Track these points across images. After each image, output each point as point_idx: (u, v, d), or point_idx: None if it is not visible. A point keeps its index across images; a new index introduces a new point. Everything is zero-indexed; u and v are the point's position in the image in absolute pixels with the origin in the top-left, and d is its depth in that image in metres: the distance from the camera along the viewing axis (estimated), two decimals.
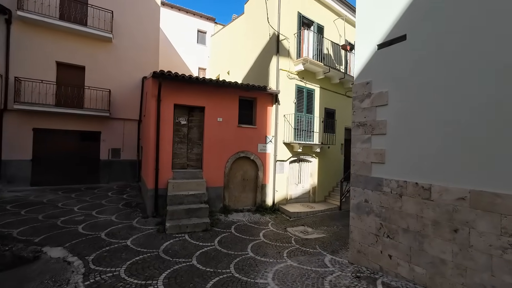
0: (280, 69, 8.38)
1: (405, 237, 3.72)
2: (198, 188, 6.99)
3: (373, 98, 4.29)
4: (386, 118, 4.09)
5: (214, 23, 20.26)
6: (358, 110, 4.56)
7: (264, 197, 8.31)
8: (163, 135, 6.86)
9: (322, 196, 9.93)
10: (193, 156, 7.54)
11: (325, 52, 9.64)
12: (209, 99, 7.46)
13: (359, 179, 4.51)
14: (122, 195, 9.06)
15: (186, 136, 7.47)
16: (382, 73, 4.18)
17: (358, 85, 4.58)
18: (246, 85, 7.60)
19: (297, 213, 7.97)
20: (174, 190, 6.69)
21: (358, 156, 4.54)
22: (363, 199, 4.41)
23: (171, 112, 7.03)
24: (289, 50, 8.69)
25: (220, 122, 7.60)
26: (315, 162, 9.67)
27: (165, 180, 6.86)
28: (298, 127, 8.79)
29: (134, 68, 11.49)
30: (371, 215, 4.25)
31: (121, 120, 11.21)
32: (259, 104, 8.23)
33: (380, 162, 4.14)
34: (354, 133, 4.62)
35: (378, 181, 4.17)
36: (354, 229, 4.57)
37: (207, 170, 7.42)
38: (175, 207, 6.27)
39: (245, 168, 8.20)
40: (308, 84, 9.27)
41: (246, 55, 10.50)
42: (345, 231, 6.72)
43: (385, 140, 4.10)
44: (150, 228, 5.91)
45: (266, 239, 5.81)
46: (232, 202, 7.97)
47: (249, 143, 8.07)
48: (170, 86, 6.95)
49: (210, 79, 7.10)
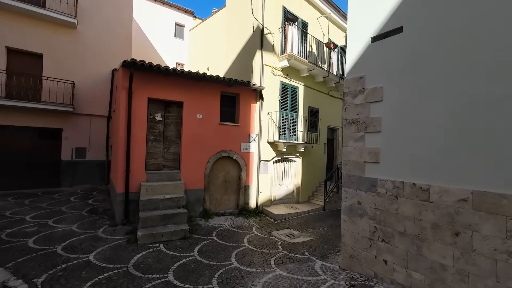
0: (265, 64, 7.99)
1: (402, 241, 3.50)
2: (176, 191, 6.34)
3: (367, 94, 4.05)
4: (380, 115, 3.86)
5: (193, 16, 19.35)
6: (351, 107, 4.30)
7: (247, 199, 7.86)
8: (135, 132, 6.11)
9: (306, 197, 9.73)
10: (170, 156, 6.86)
11: (309, 49, 9.44)
12: (188, 94, 6.84)
13: (351, 180, 4.25)
14: (87, 200, 8.06)
15: (162, 133, 6.77)
16: (376, 68, 3.95)
17: (351, 80, 4.32)
18: (228, 79, 7.09)
19: (282, 215, 7.64)
20: (147, 194, 5.98)
21: (350, 155, 4.28)
22: (356, 201, 4.15)
23: (145, 107, 6.30)
24: (273, 45, 8.33)
25: (200, 119, 7.01)
26: (299, 162, 9.43)
27: (137, 182, 6.12)
28: (282, 125, 8.47)
29: (103, 59, 10.39)
30: (365, 218, 4.00)
31: (87, 116, 10.07)
32: (242, 101, 7.77)
33: (375, 161, 3.90)
34: (346, 131, 4.36)
35: (372, 181, 3.93)
36: (346, 232, 4.31)
37: (185, 171, 6.79)
38: (149, 213, 5.58)
39: (227, 169, 7.69)
40: (292, 82, 8.99)
41: (228, 50, 9.96)
42: (331, 233, 6.52)
43: (379, 138, 3.87)
44: (118, 238, 5.17)
45: (251, 245, 5.37)
46: (213, 206, 7.41)
47: (232, 142, 7.58)
48: (144, 78, 6.22)
49: (189, 72, 6.48)
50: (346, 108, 4.38)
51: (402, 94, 3.61)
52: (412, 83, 3.50)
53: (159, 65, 6.02)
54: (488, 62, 2.84)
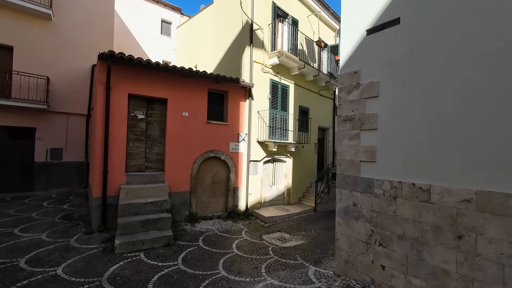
0: (254, 61, 7.70)
1: (401, 245, 3.29)
2: (159, 194, 5.90)
3: (362, 89, 3.83)
4: (377, 111, 3.65)
5: (180, 14, 18.81)
6: (345, 103, 4.07)
7: (236, 202, 7.51)
8: (113, 131, 5.63)
9: (296, 198, 9.50)
10: (153, 156, 6.41)
11: (299, 48, 9.25)
12: (173, 90, 6.42)
13: (346, 180, 4.02)
14: (62, 205, 7.43)
15: (145, 132, 6.31)
16: (372, 61, 3.74)
17: (345, 75, 4.10)
18: (216, 75, 6.74)
19: (272, 218, 7.35)
20: (127, 198, 5.51)
21: (345, 154, 4.05)
22: (351, 203, 3.92)
23: (125, 103, 5.84)
24: (263, 42, 8.06)
25: (185, 117, 6.60)
26: (289, 162, 9.19)
27: (117, 185, 5.64)
28: (272, 124, 8.20)
29: (81, 53, 9.74)
30: (361, 221, 3.77)
31: (63, 114, 9.38)
32: (231, 99, 7.43)
33: (371, 160, 3.68)
34: (341, 129, 4.13)
35: (368, 182, 3.71)
36: (341, 236, 4.06)
37: (170, 172, 6.36)
38: (129, 218, 5.12)
39: (215, 170, 7.31)
40: (282, 80, 8.75)
41: (216, 47, 9.59)
42: (324, 236, 6.29)
43: (376, 135, 3.65)
44: (93, 247, 4.69)
45: (240, 251, 5.03)
46: (200, 209, 7.01)
47: (220, 141, 7.21)
48: (124, 72, 5.76)
49: (174, 66, 6.07)
50: (340, 104, 4.15)
51: (400, 89, 3.41)
52: (410, 77, 3.31)
53: (141, 58, 5.58)
54: (495, 54, 2.67)
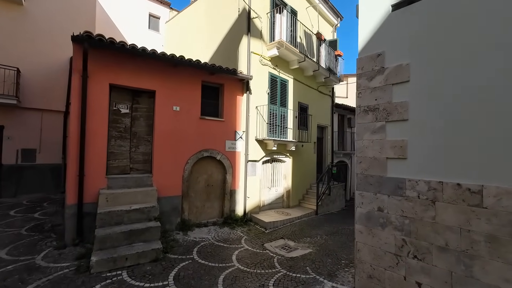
0: (252, 52, 7.06)
1: (443, 259, 2.73)
2: (146, 199, 5.13)
3: (388, 74, 3.27)
4: (407, 99, 3.09)
5: (170, 8, 17.91)
6: (366, 91, 3.50)
7: (233, 206, 6.81)
8: (91, 126, 4.83)
9: (296, 200, 8.91)
10: (139, 156, 5.62)
11: (298, 41, 8.70)
12: (162, 82, 5.68)
13: (368, 181, 3.43)
14: (32, 213, 6.48)
15: (129, 129, 5.53)
16: (399, 41, 3.19)
17: (365, 59, 3.53)
18: (211, 65, 6.04)
19: (273, 223, 6.70)
20: (108, 205, 4.71)
21: (366, 150, 3.47)
22: (376, 207, 3.34)
23: (106, 95, 5.04)
24: (261, 31, 7.44)
25: (176, 112, 5.86)
26: (289, 162, 8.59)
27: (95, 190, 4.83)
28: (271, 121, 7.58)
29: (58, 44, 8.78)
30: (389, 229, 3.19)
31: (37, 111, 8.39)
32: (227, 92, 6.75)
33: (400, 157, 3.11)
34: (361, 121, 3.55)
35: (397, 182, 3.13)
36: (363, 247, 3.47)
37: (158, 174, 5.59)
38: (109, 229, 4.32)
39: (210, 171, 6.59)
40: (281, 74, 8.17)
41: (209, 40, 8.89)
42: (332, 243, 5.70)
43: (406, 127, 3.09)
44: (64, 266, 3.87)
45: (241, 264, 4.35)
46: (193, 215, 6.27)
47: (215, 139, 6.51)
48: (104, 59, 4.98)
49: (163, 53, 5.34)
50: (360, 93, 3.57)
51: (436, 71, 2.86)
52: (450, 56, 2.76)
53: (124, 42, 4.82)
54: None
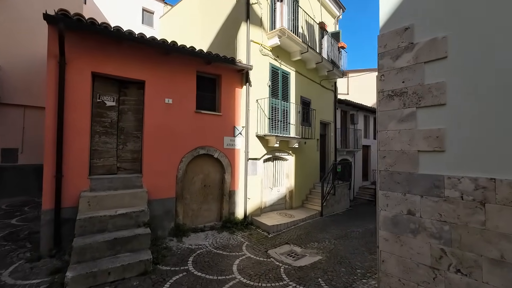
0: (251, 40, 6.50)
1: (497, 274, 2.20)
2: (134, 202, 4.54)
3: (419, 50, 2.73)
4: (444, 79, 2.55)
5: (164, 3, 17.30)
6: (390, 73, 2.96)
7: (233, 208, 6.24)
8: (71, 120, 4.24)
9: (299, 201, 8.37)
10: (127, 154, 5.03)
11: (300, 31, 8.16)
12: (153, 71, 5.09)
13: (395, 179, 2.89)
14: (10, 218, 5.85)
15: (116, 124, 4.94)
16: (433, 10, 2.65)
17: (389, 35, 2.99)
18: (207, 53, 5.48)
19: (276, 227, 6.15)
20: (90, 210, 4.12)
21: (392, 142, 2.93)
22: (405, 210, 2.80)
23: (88, 85, 4.45)
24: (261, 19, 6.88)
25: (169, 105, 5.28)
26: (291, 160, 8.05)
27: (76, 193, 4.23)
28: (273, 116, 7.03)
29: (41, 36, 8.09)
30: (422, 236, 2.65)
31: (19, 107, 7.74)
32: (225, 84, 6.17)
33: (436, 149, 2.58)
34: (384, 109, 3.01)
35: (433, 180, 2.60)
36: (389, 257, 2.93)
37: (149, 174, 5.01)
38: (90, 238, 3.73)
39: (207, 170, 6.02)
40: (283, 66, 7.62)
41: (205, 30, 8.31)
42: (342, 248, 5.17)
43: (444, 114, 2.56)
44: (34, 283, 3.28)
45: (244, 276, 3.79)
46: (188, 219, 5.69)
47: (212, 135, 5.93)
48: (86, 44, 4.38)
49: (153, 38, 4.76)
50: (383, 75, 3.03)
51: (485, 42, 2.33)
52: (504, 23, 2.23)
53: (106, 23, 4.22)
54: None
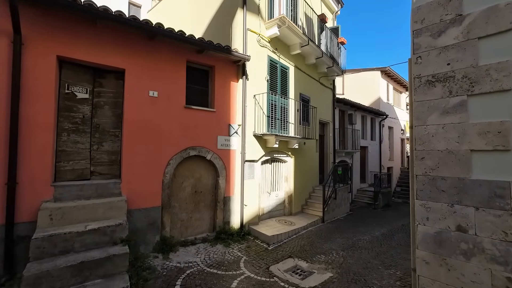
0: (248, 29, 5.85)
1: None
2: (110, 214, 3.77)
3: (471, 24, 2.16)
4: (508, 58, 1.99)
5: None
6: (430, 54, 2.38)
7: (227, 217, 5.54)
8: (30, 115, 3.44)
9: (299, 206, 7.75)
10: (103, 156, 4.25)
11: (299, 23, 7.59)
12: (134, 59, 4.35)
13: (438, 186, 2.30)
14: None
15: (90, 120, 4.15)
16: None
17: (428, 7, 2.41)
18: (199, 39, 4.77)
19: (277, 236, 5.49)
20: (52, 225, 3.32)
21: (433, 140, 2.34)
22: (453, 226, 2.21)
23: (52, 72, 3.65)
24: (259, 6, 6.25)
25: (154, 99, 4.54)
26: (290, 162, 7.43)
27: (35, 204, 3.43)
28: (272, 114, 6.39)
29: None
30: (479, 259, 2.07)
31: None
32: (219, 77, 5.48)
33: (498, 148, 2.01)
34: (421, 98, 2.42)
35: (493, 188, 2.02)
36: (431, 284, 2.32)
37: (130, 179, 4.24)
38: (48, 263, 2.94)
39: (198, 174, 5.29)
40: (282, 60, 7.01)
41: (197, 20, 7.61)
42: (353, 261, 4.58)
43: (507, 102, 1.99)
44: None
45: None
46: (177, 230, 4.94)
47: (205, 134, 5.22)
48: (50, 22, 3.60)
49: (134, 17, 4.02)
50: (420, 57, 2.45)
51: None
52: None
53: None
54: None
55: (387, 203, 11.47)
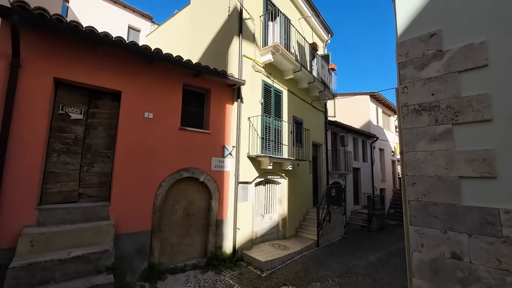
0: (244, 55, 6.11)
1: None
2: (96, 239, 3.59)
3: (450, 59, 2.34)
4: (486, 91, 2.13)
5: (151, 22, 17.11)
6: (415, 84, 2.53)
7: (220, 241, 5.34)
8: (19, 134, 3.38)
9: (293, 229, 7.59)
10: (93, 178, 4.14)
11: (292, 51, 8.00)
12: (131, 81, 4.43)
13: (430, 212, 2.33)
14: None
15: (82, 141, 4.09)
16: (465, 13, 2.32)
17: (411, 42, 2.61)
18: (196, 64, 4.93)
19: (271, 262, 5.30)
20: (33, 252, 3.13)
21: (422, 166, 2.41)
22: (447, 253, 2.21)
23: (47, 93, 3.66)
24: (254, 35, 6.60)
25: (148, 120, 4.56)
26: (284, 183, 7.40)
27: (17, 229, 3.24)
28: (266, 136, 6.47)
29: None
30: None
31: None
32: (215, 100, 5.60)
33: (485, 175, 2.08)
34: (409, 125, 2.53)
35: (484, 214, 2.06)
36: None
37: (119, 202, 4.11)
38: None
39: (191, 196, 5.18)
40: (276, 84, 7.27)
41: (194, 44, 7.94)
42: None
43: (490, 131, 2.10)
44: None
45: None
46: (166, 256, 4.70)
47: (199, 155, 5.20)
48: (50, 45, 3.69)
49: (133, 43, 4.16)
50: (406, 87, 2.60)
51: None
52: None
53: (76, 22, 3.58)
54: None
55: (381, 225, 11.36)
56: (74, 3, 12.76)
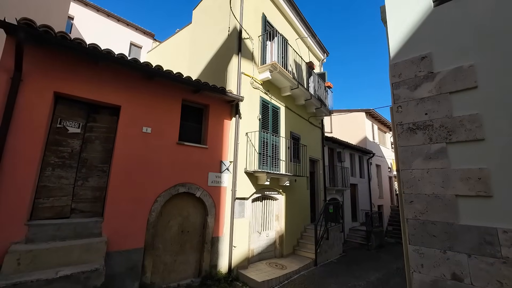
0: (242, 72, 6.27)
1: None
2: (86, 257, 3.45)
3: (442, 80, 2.44)
4: (477, 111, 2.20)
5: (153, 39, 17.61)
6: (409, 104, 2.61)
7: (215, 260, 5.17)
8: (15, 146, 3.35)
9: (290, 247, 7.40)
10: (87, 192, 4.06)
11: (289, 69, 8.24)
12: (131, 96, 4.48)
13: (429, 231, 2.31)
14: None
15: (78, 154, 4.06)
16: (454, 37, 2.44)
17: (403, 64, 2.72)
18: (196, 81, 5.03)
19: (267, 283, 5.11)
20: (19, 271, 2.99)
21: (419, 184, 2.42)
22: (447, 274, 2.16)
23: (46, 106, 3.68)
24: (252, 53, 6.81)
25: (146, 135, 4.57)
26: (281, 199, 7.31)
27: (4, 246, 3.12)
28: (263, 151, 6.49)
29: None
30: None
31: None
32: (213, 115, 5.66)
33: (481, 194, 2.09)
34: (404, 143, 2.57)
35: (483, 234, 2.05)
36: None
37: (113, 218, 4.01)
38: None
39: (186, 212, 5.08)
40: (273, 100, 7.40)
41: (194, 61, 8.15)
42: None
43: (483, 150, 2.15)
44: None
45: None
46: (159, 275, 4.52)
47: (196, 170, 5.17)
48: (51, 60, 3.75)
49: (135, 60, 4.26)
50: (400, 106, 2.67)
51: None
52: None
53: (80, 39, 3.68)
54: None
55: (380, 243, 11.14)
56: (79, 19, 13.13)
